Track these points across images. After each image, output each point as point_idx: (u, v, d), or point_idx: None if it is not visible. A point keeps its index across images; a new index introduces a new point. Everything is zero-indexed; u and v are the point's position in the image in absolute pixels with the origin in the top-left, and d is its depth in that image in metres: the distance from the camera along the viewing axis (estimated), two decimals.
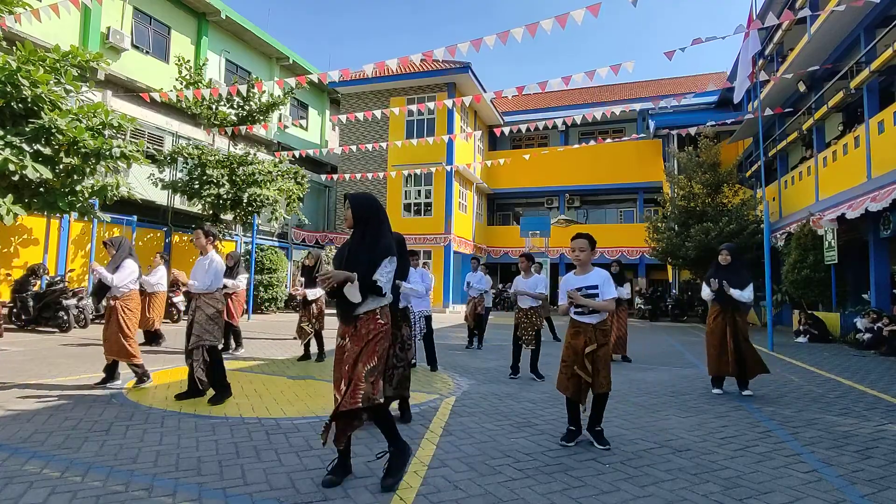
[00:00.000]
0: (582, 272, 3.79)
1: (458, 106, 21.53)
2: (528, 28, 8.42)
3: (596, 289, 3.67)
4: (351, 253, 2.85)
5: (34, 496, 2.58)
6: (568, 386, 3.65)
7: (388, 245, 2.87)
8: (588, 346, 3.61)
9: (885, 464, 3.35)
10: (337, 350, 2.91)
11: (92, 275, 12.03)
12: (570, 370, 3.65)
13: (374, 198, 3.02)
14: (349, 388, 2.72)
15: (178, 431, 3.73)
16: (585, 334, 3.65)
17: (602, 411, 3.69)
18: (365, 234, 2.88)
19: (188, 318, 4.78)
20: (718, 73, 27.33)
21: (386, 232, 2.94)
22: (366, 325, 2.82)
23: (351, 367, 2.76)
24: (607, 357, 3.67)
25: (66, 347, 7.86)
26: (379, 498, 2.65)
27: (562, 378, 3.71)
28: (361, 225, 2.90)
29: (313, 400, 4.86)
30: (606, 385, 3.62)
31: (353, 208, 2.91)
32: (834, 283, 12.31)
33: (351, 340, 2.82)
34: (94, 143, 8.74)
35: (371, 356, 2.78)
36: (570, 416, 3.73)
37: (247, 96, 14.82)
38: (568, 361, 3.68)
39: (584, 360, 3.60)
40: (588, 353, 3.59)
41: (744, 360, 5.46)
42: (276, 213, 15.12)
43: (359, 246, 2.85)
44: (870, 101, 11.45)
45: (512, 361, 6.51)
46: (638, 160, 23.91)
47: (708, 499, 2.74)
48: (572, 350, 3.67)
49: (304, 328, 7.29)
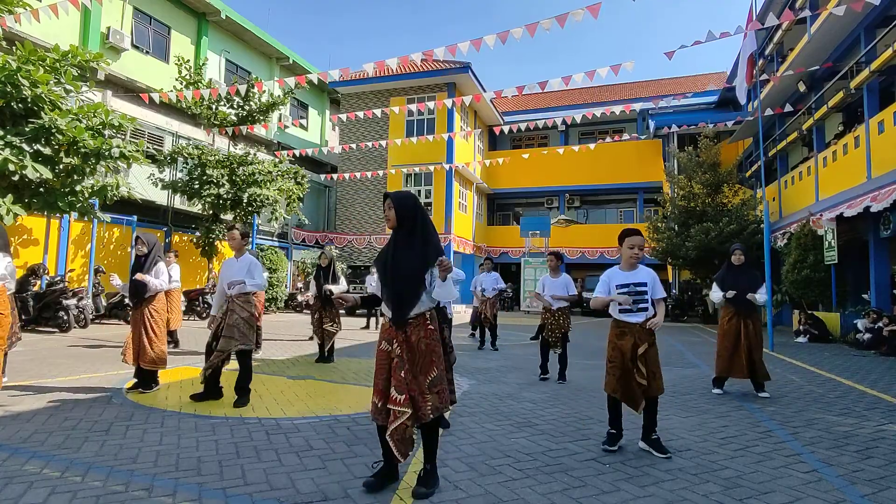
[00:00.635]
0: (629, 268, 3.64)
1: (458, 106, 21.53)
2: (527, 28, 8.43)
3: (645, 286, 3.55)
4: (398, 255, 2.74)
5: (34, 496, 2.58)
6: (617, 388, 3.49)
7: (436, 246, 2.78)
8: (639, 346, 3.47)
9: (885, 464, 3.35)
10: (381, 354, 2.78)
11: (93, 277, 12.04)
12: (618, 371, 3.49)
13: (416, 197, 2.91)
14: (419, 401, 2.63)
15: (178, 431, 3.73)
16: (633, 335, 3.50)
17: (655, 416, 3.53)
18: (411, 235, 2.77)
19: (218, 321, 4.65)
20: (718, 73, 27.34)
21: (432, 231, 2.83)
22: (416, 330, 2.72)
23: (410, 379, 2.65)
24: (657, 357, 3.55)
25: (66, 347, 7.86)
26: (379, 498, 2.65)
27: (610, 379, 3.54)
28: (407, 225, 2.78)
29: (313, 400, 4.85)
30: (661, 388, 3.49)
31: (398, 208, 2.78)
32: (834, 283, 12.31)
33: (400, 347, 2.69)
34: (94, 143, 8.74)
35: (430, 367, 2.70)
36: (611, 419, 3.59)
37: (247, 96, 14.83)
38: (616, 362, 3.52)
39: (639, 363, 3.44)
40: (641, 353, 3.45)
41: (754, 363, 5.40)
42: (276, 213, 15.12)
43: (406, 248, 2.75)
44: (870, 101, 11.45)
45: (541, 361, 6.30)
46: (638, 160, 23.92)
47: (708, 499, 2.74)
48: (619, 351, 3.52)
49: (329, 329, 7.12)
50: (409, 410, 2.61)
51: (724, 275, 5.62)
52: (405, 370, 2.66)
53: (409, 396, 2.62)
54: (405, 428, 2.62)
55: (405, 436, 2.62)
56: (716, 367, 5.68)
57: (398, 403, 2.62)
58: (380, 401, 2.72)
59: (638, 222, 23.84)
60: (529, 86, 10.66)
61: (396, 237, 2.81)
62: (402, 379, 2.64)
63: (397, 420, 2.61)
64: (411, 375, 2.66)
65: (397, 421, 2.61)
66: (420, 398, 2.65)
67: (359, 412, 4.41)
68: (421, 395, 2.65)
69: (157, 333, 5.02)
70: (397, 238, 2.81)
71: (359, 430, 3.88)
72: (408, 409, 2.61)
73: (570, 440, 3.75)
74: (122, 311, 11.53)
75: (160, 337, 5.05)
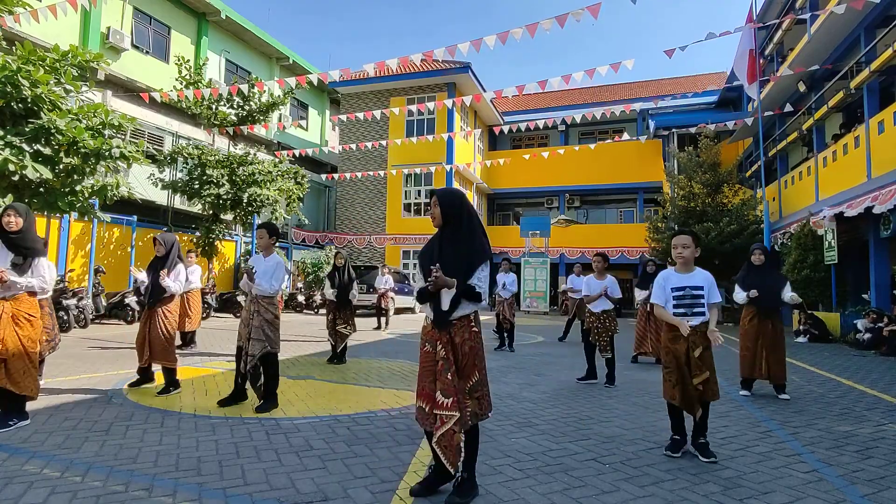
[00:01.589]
0: (684, 270, 3.57)
1: (458, 106, 21.54)
2: (527, 28, 8.43)
3: (701, 290, 3.47)
4: (443, 255, 2.65)
5: (34, 496, 2.57)
6: (675, 394, 3.44)
7: (483, 246, 2.69)
8: (694, 350, 3.42)
9: (885, 464, 3.35)
10: (424, 356, 2.69)
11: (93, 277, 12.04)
12: (674, 376, 3.44)
13: (462, 194, 2.81)
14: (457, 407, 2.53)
15: (178, 431, 3.73)
16: (686, 338, 3.43)
17: (707, 420, 3.48)
18: (457, 234, 2.68)
19: (243, 322, 4.56)
20: (718, 73, 27.33)
21: (478, 231, 2.73)
22: (460, 332, 2.64)
23: (457, 382, 2.57)
24: (712, 361, 3.48)
25: (66, 347, 7.84)
26: (379, 498, 2.65)
27: (667, 386, 3.50)
28: (453, 223, 2.69)
29: (313, 400, 4.85)
30: (716, 393, 3.45)
31: (443, 206, 2.69)
32: (834, 283, 12.31)
33: (445, 349, 2.60)
34: (94, 143, 8.74)
35: (472, 370, 2.63)
36: (673, 424, 3.53)
37: (247, 96, 14.84)
38: (671, 367, 3.47)
39: (697, 367, 3.40)
40: (696, 357, 3.40)
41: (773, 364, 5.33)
42: (276, 213, 15.13)
43: (451, 247, 2.66)
44: (870, 101, 11.45)
45: (588, 366, 6.10)
46: (638, 160, 23.92)
47: (708, 499, 2.74)
48: (673, 355, 3.47)
49: (342, 331, 7.09)
50: (457, 414, 2.51)
51: (745, 275, 5.53)
52: (451, 372, 2.57)
53: (456, 400, 2.53)
54: (453, 434, 2.51)
55: (453, 442, 2.50)
56: (740, 369, 5.59)
57: (445, 408, 2.53)
58: (426, 405, 2.61)
59: (638, 222, 23.86)
60: (529, 85, 10.67)
61: (442, 236, 2.72)
62: (448, 382, 2.55)
63: (445, 425, 2.52)
64: (458, 378, 2.59)
65: (444, 426, 2.52)
66: (461, 403, 2.56)
67: (359, 412, 4.41)
68: (462, 400, 2.57)
69: (170, 334, 5.00)
70: (442, 237, 2.72)
71: (359, 430, 3.88)
72: (456, 412, 2.51)
73: (570, 440, 3.75)
74: (122, 311, 11.53)
75: (172, 338, 5.03)
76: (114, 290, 11.95)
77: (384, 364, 7.14)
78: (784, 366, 5.41)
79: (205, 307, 13.43)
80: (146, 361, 4.98)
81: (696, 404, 3.41)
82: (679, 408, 3.48)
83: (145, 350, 4.95)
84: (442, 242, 2.71)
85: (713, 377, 3.45)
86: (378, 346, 9.29)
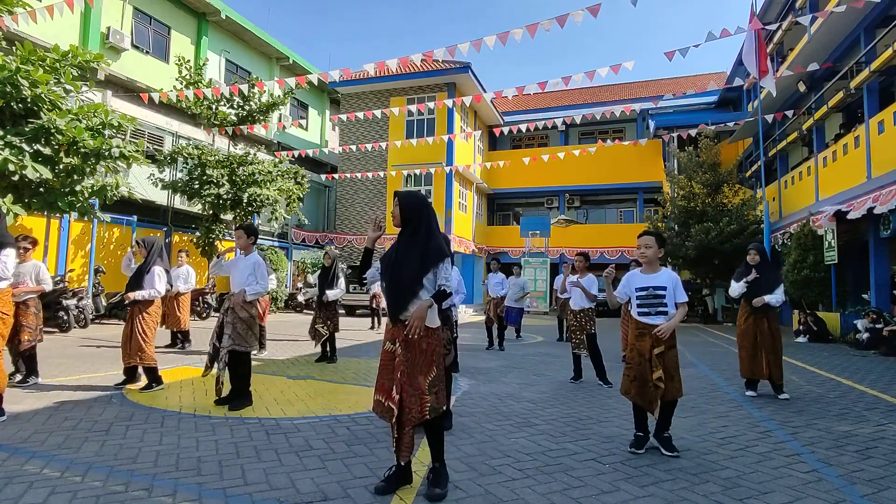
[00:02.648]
0: (650, 271, 3.64)
1: (458, 106, 21.54)
2: (527, 28, 8.43)
3: (664, 290, 3.52)
4: (400, 254, 2.77)
5: (34, 496, 2.58)
6: (630, 389, 3.51)
7: (441, 247, 2.79)
8: (655, 347, 3.47)
9: (885, 464, 3.35)
10: (384, 354, 2.80)
11: (93, 277, 12.04)
12: (633, 372, 3.51)
13: (423, 196, 2.93)
14: (416, 401, 2.63)
15: (178, 431, 3.73)
16: (651, 336, 3.49)
17: (671, 417, 3.54)
18: (415, 235, 2.78)
19: (219, 320, 4.61)
20: (718, 73, 27.32)
21: (436, 233, 2.84)
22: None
23: (409, 378, 2.66)
24: (676, 360, 3.52)
25: (66, 347, 7.86)
26: (379, 498, 2.65)
27: (624, 381, 3.58)
28: (412, 225, 2.80)
29: (313, 400, 4.85)
30: (678, 391, 3.48)
31: (403, 207, 2.81)
32: (834, 283, 12.31)
33: (402, 346, 2.70)
34: (94, 143, 8.74)
35: (430, 366, 2.71)
36: (636, 422, 3.59)
37: (247, 96, 14.83)
38: (632, 364, 3.54)
39: (656, 364, 3.45)
40: (657, 354, 3.46)
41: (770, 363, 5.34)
42: (276, 213, 15.13)
43: (409, 247, 2.77)
44: (870, 101, 11.45)
45: (574, 365, 6.15)
46: (638, 160, 23.91)
47: (708, 499, 2.74)
48: (637, 352, 3.53)
49: (319, 330, 7.14)
50: (396, 410, 2.63)
51: (743, 274, 5.54)
52: (401, 371, 2.67)
53: (400, 397, 2.65)
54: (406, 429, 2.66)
55: (404, 437, 2.66)
56: (741, 369, 5.60)
57: (394, 402, 2.66)
58: (383, 398, 2.74)
59: (638, 222, 23.85)
60: (529, 86, 10.67)
61: (401, 236, 2.82)
62: (397, 379, 2.67)
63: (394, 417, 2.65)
64: (407, 376, 2.67)
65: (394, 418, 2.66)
66: (420, 398, 2.65)
67: (359, 412, 4.42)
68: (421, 395, 2.66)
69: (147, 335, 5.07)
70: (401, 237, 2.82)
71: (358, 430, 3.88)
72: (396, 407, 2.63)
73: (570, 440, 3.75)
74: (122, 311, 11.53)
75: (150, 338, 5.10)
76: (114, 290, 11.95)
77: None
78: (781, 366, 5.42)
79: (204, 307, 13.45)
80: (129, 361, 5.06)
81: (653, 401, 3.46)
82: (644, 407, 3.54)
83: (128, 349, 5.05)
84: (399, 243, 2.82)
85: (677, 375, 3.49)
86: (377, 346, 9.29)
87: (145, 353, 5.02)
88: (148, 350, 5.04)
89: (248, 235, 4.70)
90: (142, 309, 5.10)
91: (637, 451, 3.47)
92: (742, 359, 5.55)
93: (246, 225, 4.80)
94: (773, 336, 5.39)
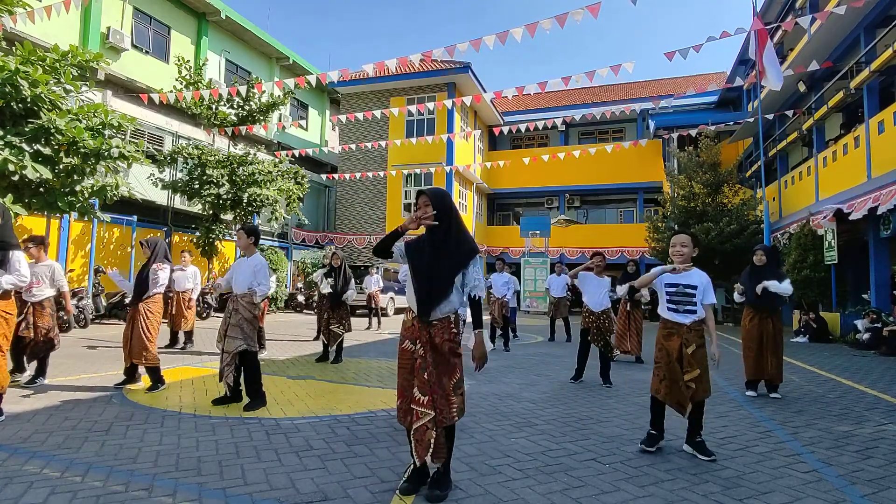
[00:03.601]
0: (682, 270, 3.63)
1: (458, 106, 21.54)
2: (527, 28, 8.43)
3: (694, 289, 3.51)
4: (435, 254, 2.68)
5: (34, 496, 2.58)
6: (660, 389, 3.47)
7: (472, 242, 2.76)
8: (687, 347, 3.44)
9: (885, 464, 3.35)
10: (403, 354, 2.73)
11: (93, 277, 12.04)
12: (663, 372, 3.48)
13: (450, 194, 2.83)
14: (444, 402, 2.59)
15: (178, 431, 3.73)
16: (680, 335, 3.47)
17: (702, 418, 3.49)
18: (448, 234, 2.70)
19: (223, 320, 4.61)
20: (718, 73, 27.32)
21: (466, 231, 2.77)
22: (440, 333, 2.67)
23: (435, 382, 2.61)
24: (706, 359, 3.49)
25: (66, 347, 7.84)
26: (379, 498, 2.65)
27: (654, 381, 3.54)
28: (444, 224, 2.69)
29: (313, 400, 4.85)
30: (706, 391, 3.44)
31: (434, 206, 2.68)
32: (834, 283, 12.31)
33: (423, 348, 2.65)
34: (94, 143, 8.74)
35: (454, 370, 2.68)
36: (652, 419, 3.57)
37: (247, 96, 14.83)
38: (661, 364, 3.51)
39: (691, 365, 3.41)
40: (690, 354, 3.42)
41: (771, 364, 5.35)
42: (276, 213, 15.12)
43: (442, 247, 2.68)
44: (870, 101, 11.45)
45: (577, 366, 6.12)
46: (638, 160, 23.92)
47: (708, 499, 2.74)
48: (665, 352, 3.50)
49: (335, 330, 7.11)
50: (431, 412, 2.57)
51: (747, 276, 5.55)
52: (428, 371, 2.62)
53: (432, 398, 2.59)
54: (426, 430, 2.59)
55: (425, 437, 2.58)
56: (745, 370, 5.58)
57: (421, 404, 2.60)
58: (403, 401, 2.68)
59: (638, 222, 23.85)
60: (529, 86, 10.66)
61: (432, 235, 2.71)
62: (425, 380, 2.61)
63: (419, 420, 2.60)
64: (435, 377, 2.62)
65: (419, 421, 2.59)
66: (445, 400, 2.60)
67: (358, 412, 4.42)
68: (446, 398, 2.61)
69: (151, 335, 5.05)
70: (434, 236, 2.71)
71: (359, 430, 3.88)
72: (430, 410, 2.58)
73: (570, 440, 3.75)
74: (122, 311, 11.53)
75: (153, 337, 5.09)
76: (114, 290, 11.96)
77: (384, 364, 7.14)
78: (782, 368, 5.42)
79: (205, 307, 13.44)
80: (132, 361, 5.06)
81: (685, 402, 3.42)
82: (661, 404, 3.52)
83: (129, 349, 5.04)
84: (434, 242, 2.70)
85: (705, 375, 3.45)
86: (377, 346, 9.29)
87: (149, 352, 5.01)
88: (151, 350, 5.03)
89: (248, 236, 4.71)
90: (145, 308, 5.09)
91: (648, 449, 3.45)
92: (747, 360, 5.53)
93: (246, 225, 4.81)
94: (777, 337, 5.40)
